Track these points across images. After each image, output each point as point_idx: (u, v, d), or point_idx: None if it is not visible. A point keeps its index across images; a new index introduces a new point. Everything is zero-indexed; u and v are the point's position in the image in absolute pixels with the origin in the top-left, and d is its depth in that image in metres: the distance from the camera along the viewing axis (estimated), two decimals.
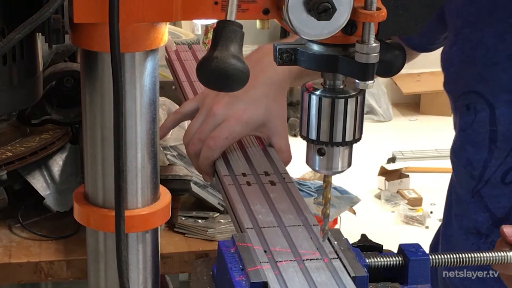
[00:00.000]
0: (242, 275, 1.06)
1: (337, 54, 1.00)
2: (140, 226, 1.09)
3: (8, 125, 1.97)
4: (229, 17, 0.95)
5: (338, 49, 1.01)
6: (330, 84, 1.04)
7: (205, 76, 0.94)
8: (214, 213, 1.97)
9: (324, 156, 1.06)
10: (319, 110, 1.04)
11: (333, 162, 1.06)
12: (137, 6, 0.97)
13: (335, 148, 1.05)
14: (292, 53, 1.03)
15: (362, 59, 0.97)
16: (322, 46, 1.01)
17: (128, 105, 1.03)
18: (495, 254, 1.17)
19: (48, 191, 1.91)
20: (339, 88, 1.04)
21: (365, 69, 0.98)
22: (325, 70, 1.03)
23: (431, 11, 1.05)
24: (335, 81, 1.04)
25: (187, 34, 2.87)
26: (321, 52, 1.01)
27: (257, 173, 1.35)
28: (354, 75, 0.99)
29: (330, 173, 1.08)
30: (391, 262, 1.11)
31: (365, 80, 0.99)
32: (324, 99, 1.03)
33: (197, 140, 1.42)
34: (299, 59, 1.03)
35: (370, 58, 0.97)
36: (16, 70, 1.06)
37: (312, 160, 1.07)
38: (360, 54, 0.97)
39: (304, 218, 1.21)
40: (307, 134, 1.05)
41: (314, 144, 1.06)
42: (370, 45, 0.97)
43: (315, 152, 1.06)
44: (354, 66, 0.99)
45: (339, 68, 1.01)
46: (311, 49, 1.02)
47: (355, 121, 1.04)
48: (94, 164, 1.07)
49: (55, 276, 1.80)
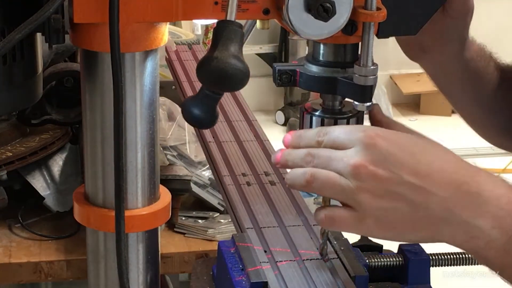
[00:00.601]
0: (242, 275, 1.06)
1: (336, 76, 1.01)
2: (140, 226, 1.09)
3: (8, 125, 1.97)
4: (229, 17, 0.95)
5: (337, 71, 1.02)
6: (329, 105, 1.05)
7: (205, 76, 0.94)
8: (214, 213, 1.97)
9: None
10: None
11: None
12: (137, 6, 0.97)
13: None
14: (292, 74, 1.04)
15: (360, 81, 0.99)
16: (321, 67, 1.02)
17: (128, 105, 1.03)
18: None
19: (48, 191, 1.91)
20: (338, 108, 1.04)
21: (363, 91, 0.99)
22: (324, 91, 1.04)
23: (431, 11, 1.05)
24: (334, 102, 1.04)
25: (187, 34, 2.87)
26: (320, 74, 1.02)
27: (257, 173, 1.35)
28: (352, 97, 1.01)
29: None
30: (391, 262, 1.11)
31: (363, 102, 1.00)
32: (324, 120, 1.04)
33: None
34: (299, 80, 1.03)
35: (368, 80, 0.99)
36: (16, 70, 1.06)
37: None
38: (358, 77, 0.99)
39: (304, 218, 1.21)
40: None
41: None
42: (368, 68, 0.98)
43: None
44: (353, 88, 1.00)
45: (338, 90, 1.02)
46: (310, 70, 1.03)
47: None
48: (94, 164, 1.07)
49: (55, 276, 1.80)
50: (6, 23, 1.03)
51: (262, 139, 1.48)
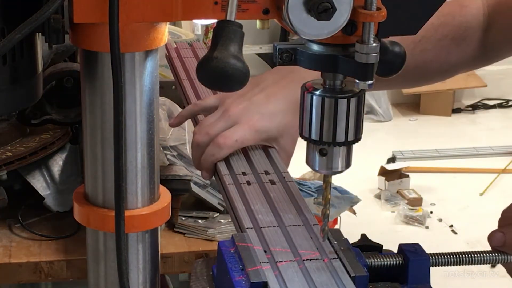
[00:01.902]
0: (242, 275, 1.06)
1: (337, 54, 1.00)
2: (140, 226, 1.09)
3: (8, 125, 1.97)
4: (229, 17, 0.95)
5: (338, 49, 1.01)
6: (330, 84, 1.04)
7: (205, 76, 0.94)
8: (214, 213, 1.97)
9: (325, 156, 1.06)
10: (320, 110, 1.04)
11: (333, 162, 1.06)
12: (137, 6, 0.97)
13: (335, 148, 1.05)
14: (292, 53, 1.02)
15: (362, 59, 0.97)
16: (322, 46, 1.01)
17: (128, 105, 1.03)
18: (495, 254, 1.17)
19: (48, 191, 1.91)
20: (339, 87, 1.04)
21: (365, 69, 0.98)
22: (325, 70, 1.03)
23: (431, 11, 1.05)
24: (335, 81, 1.04)
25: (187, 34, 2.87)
26: (321, 52, 1.01)
27: (257, 172, 1.35)
28: (354, 75, 0.99)
29: (330, 173, 1.08)
30: (391, 262, 1.11)
31: (365, 80, 0.99)
32: (325, 99, 1.03)
33: (204, 133, 1.42)
34: (299, 59, 1.03)
35: (370, 58, 0.97)
36: (16, 70, 1.06)
37: (312, 160, 1.07)
38: (360, 54, 0.97)
39: (304, 217, 1.21)
40: (308, 135, 1.05)
41: (314, 145, 1.06)
42: (370, 45, 0.97)
43: (315, 152, 1.06)
44: (354, 66, 0.98)
45: (339, 68, 1.01)
46: (311, 49, 1.02)
47: (355, 121, 1.04)
48: (94, 164, 1.07)
49: (55, 276, 1.80)
50: (6, 23, 1.03)
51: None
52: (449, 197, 4.64)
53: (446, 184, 4.82)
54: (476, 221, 4.40)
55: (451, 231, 4.39)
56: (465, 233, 4.36)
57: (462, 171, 5.08)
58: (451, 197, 4.64)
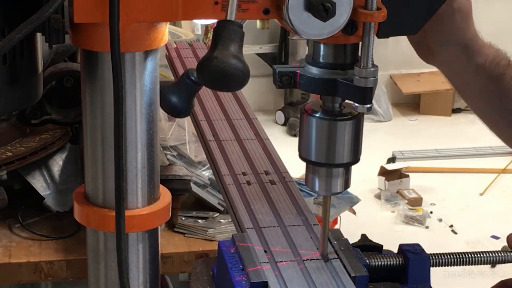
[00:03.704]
0: (242, 275, 1.06)
1: (336, 78, 1.01)
2: (140, 226, 1.09)
3: (8, 125, 1.97)
4: (229, 17, 0.95)
5: (337, 73, 1.02)
6: (329, 106, 1.05)
7: (205, 76, 0.94)
8: (214, 213, 1.97)
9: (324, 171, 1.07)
10: (319, 132, 1.04)
11: (332, 183, 1.07)
12: (137, 6, 0.97)
13: (334, 170, 1.06)
14: (292, 76, 1.04)
15: (360, 83, 0.99)
16: (321, 69, 1.02)
17: (128, 105, 1.03)
18: (495, 254, 1.17)
19: (48, 191, 1.91)
20: (338, 110, 1.04)
21: (363, 93, 1.00)
22: (324, 93, 1.04)
23: (431, 11, 1.05)
24: (334, 104, 1.04)
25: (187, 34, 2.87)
26: (320, 76, 1.02)
27: (257, 172, 1.35)
28: (353, 99, 1.01)
29: (329, 195, 1.09)
30: (391, 262, 1.11)
31: (363, 104, 1.00)
32: (323, 122, 1.04)
33: None
34: (299, 82, 1.03)
35: (368, 82, 0.99)
36: (16, 70, 1.06)
37: (312, 181, 1.08)
38: (358, 78, 0.99)
39: (304, 217, 1.21)
40: (307, 156, 1.06)
41: (314, 166, 1.06)
42: (368, 69, 0.98)
43: (315, 173, 1.07)
44: (353, 90, 1.00)
45: (338, 92, 1.02)
46: (310, 72, 1.03)
47: (354, 142, 1.05)
48: (94, 164, 1.07)
49: (55, 276, 1.80)
50: (6, 23, 1.03)
51: (262, 137, 1.48)
52: (449, 197, 4.64)
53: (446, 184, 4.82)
54: (476, 221, 4.40)
55: (451, 231, 4.39)
56: (465, 233, 4.36)
57: (462, 171, 5.08)
58: (451, 197, 4.64)
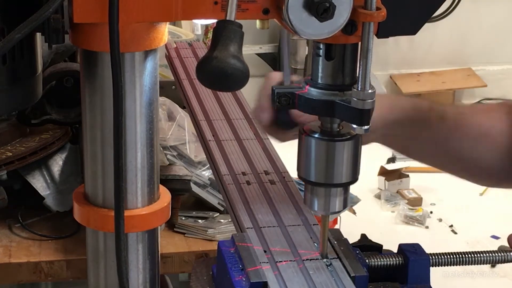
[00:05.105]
0: (242, 275, 1.06)
1: (334, 99, 1.02)
2: (140, 226, 1.09)
3: (8, 125, 1.97)
4: (229, 17, 0.95)
5: (335, 94, 1.02)
6: (327, 127, 1.05)
7: (205, 76, 0.94)
8: (214, 213, 1.97)
9: (323, 191, 1.07)
10: (317, 152, 1.05)
11: (330, 203, 1.07)
12: (137, 6, 0.97)
13: (333, 190, 1.07)
14: (290, 97, 1.04)
15: (358, 105, 0.99)
16: (319, 90, 1.03)
17: (128, 105, 1.03)
18: (495, 254, 1.17)
19: (48, 191, 1.91)
20: (336, 130, 1.05)
21: (361, 115, 1.00)
22: (322, 114, 1.05)
23: (431, 11, 1.05)
24: (333, 124, 1.05)
25: (187, 34, 2.87)
26: (318, 97, 1.03)
27: (257, 172, 1.35)
28: (350, 120, 1.01)
29: (328, 214, 1.09)
30: (391, 262, 1.11)
31: (361, 125, 1.00)
32: (322, 142, 1.05)
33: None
34: (297, 103, 1.04)
35: (366, 104, 0.99)
36: (16, 70, 1.06)
37: (310, 201, 1.08)
38: (356, 100, 0.99)
39: (304, 218, 1.21)
40: (306, 176, 1.06)
41: (312, 186, 1.07)
42: (366, 92, 0.98)
43: (314, 193, 1.07)
44: (351, 112, 1.00)
45: (336, 113, 1.02)
46: (309, 93, 1.03)
47: (352, 162, 1.05)
48: (94, 164, 1.07)
49: (55, 276, 1.80)
50: (6, 23, 1.03)
51: (262, 137, 1.48)
52: (449, 197, 4.64)
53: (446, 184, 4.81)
54: (476, 221, 4.40)
55: (451, 231, 4.38)
56: (465, 233, 4.36)
57: None
58: (451, 197, 4.64)
